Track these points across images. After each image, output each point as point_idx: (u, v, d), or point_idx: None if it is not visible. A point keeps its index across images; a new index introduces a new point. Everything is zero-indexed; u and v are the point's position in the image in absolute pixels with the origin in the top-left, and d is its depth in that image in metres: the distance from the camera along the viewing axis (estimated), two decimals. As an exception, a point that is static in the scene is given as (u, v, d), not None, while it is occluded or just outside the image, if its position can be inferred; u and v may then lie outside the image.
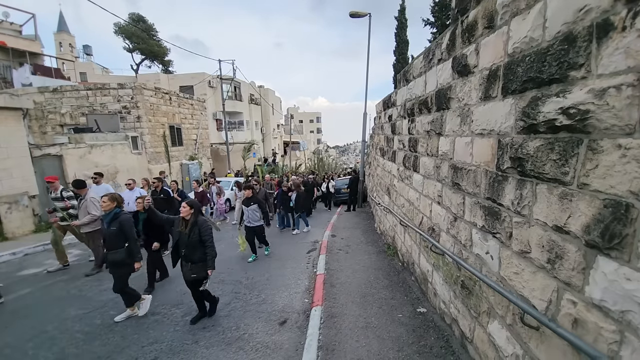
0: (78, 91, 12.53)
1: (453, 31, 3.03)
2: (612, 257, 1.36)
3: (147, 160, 12.58)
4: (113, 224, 3.66)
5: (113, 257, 3.66)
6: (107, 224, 3.70)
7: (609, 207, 1.37)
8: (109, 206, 3.69)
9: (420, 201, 4.23)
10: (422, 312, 3.68)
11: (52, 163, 8.86)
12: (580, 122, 1.51)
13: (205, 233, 3.53)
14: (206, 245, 3.54)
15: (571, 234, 1.57)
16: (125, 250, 3.67)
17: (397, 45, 18.28)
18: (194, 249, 3.50)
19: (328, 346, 3.11)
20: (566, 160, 1.60)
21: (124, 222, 3.70)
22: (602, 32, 1.39)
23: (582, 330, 1.51)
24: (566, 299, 1.61)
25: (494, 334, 2.32)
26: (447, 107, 3.20)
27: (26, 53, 16.65)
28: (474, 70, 2.62)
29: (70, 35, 36.30)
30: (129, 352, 3.19)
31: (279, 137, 37.32)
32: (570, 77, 1.58)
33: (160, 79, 23.60)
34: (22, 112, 7.92)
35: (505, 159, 2.15)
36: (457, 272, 2.99)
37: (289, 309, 4.04)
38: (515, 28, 2.02)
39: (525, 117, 1.91)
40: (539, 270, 1.83)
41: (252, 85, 30.04)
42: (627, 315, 1.28)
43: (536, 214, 1.84)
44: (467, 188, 2.75)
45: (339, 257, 5.88)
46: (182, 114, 15.57)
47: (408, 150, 4.84)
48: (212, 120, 23.46)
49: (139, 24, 29.77)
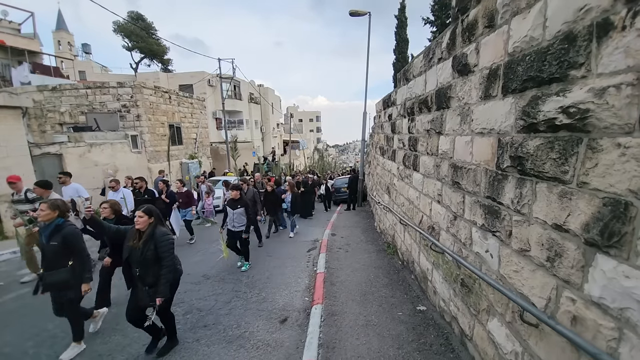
0: (77, 90, 12.51)
1: (453, 30, 3.03)
2: (611, 255, 1.37)
3: (147, 159, 12.57)
4: (54, 238, 2.95)
5: (53, 278, 2.95)
6: (47, 238, 2.97)
7: (608, 205, 1.38)
8: (48, 216, 2.95)
9: (420, 200, 4.25)
10: (422, 310, 3.70)
11: (52, 162, 8.86)
12: (580, 121, 1.52)
13: (163, 248, 2.84)
14: (163, 264, 2.84)
15: (570, 232, 1.58)
16: (69, 270, 2.99)
17: (397, 44, 18.28)
18: (150, 268, 2.85)
19: (328, 344, 3.12)
20: (566, 159, 1.61)
21: (68, 235, 2.97)
22: (602, 31, 1.40)
23: (581, 328, 1.52)
24: (565, 297, 1.63)
25: (493, 331, 2.34)
26: (447, 106, 3.21)
27: (25, 51, 16.63)
28: (474, 70, 2.62)
29: (69, 34, 36.24)
30: (129, 351, 3.20)
31: (278, 136, 37.29)
32: (570, 76, 1.59)
33: (160, 78, 23.55)
34: (22, 110, 7.90)
35: (505, 158, 2.16)
36: (456, 270, 3.00)
37: (290, 307, 4.05)
38: (516, 27, 2.03)
39: (526, 116, 1.92)
40: (539, 268, 1.84)
41: (251, 84, 30.00)
42: (626, 313, 1.30)
43: (536, 212, 1.85)
44: (467, 187, 2.76)
45: (339, 256, 5.89)
46: (181, 112, 15.57)
47: (408, 149, 4.85)
48: (212, 119, 23.47)
49: (138, 22, 29.69)
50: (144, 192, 6.17)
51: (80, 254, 3.07)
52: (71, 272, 3.00)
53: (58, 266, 2.98)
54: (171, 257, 2.92)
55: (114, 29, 30.20)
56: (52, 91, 12.36)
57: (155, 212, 3.00)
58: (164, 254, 2.86)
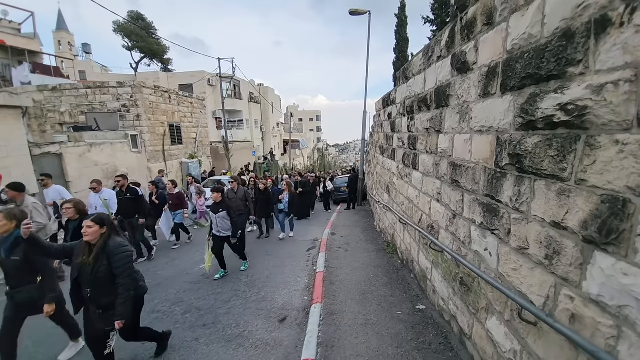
0: (77, 90, 12.52)
1: (452, 28, 3.02)
2: (610, 252, 1.36)
3: (147, 159, 12.58)
4: (15, 252, 2.63)
5: (21, 296, 2.71)
6: (6, 252, 2.65)
7: (606, 202, 1.37)
8: (5, 227, 2.63)
9: (419, 199, 4.24)
10: (421, 309, 3.70)
11: (52, 161, 8.86)
12: (578, 118, 1.51)
13: (118, 263, 2.42)
14: (119, 282, 2.42)
15: (569, 229, 1.58)
16: (38, 287, 2.73)
17: (397, 43, 18.25)
18: (103, 288, 2.42)
19: (327, 343, 3.12)
20: (564, 157, 1.60)
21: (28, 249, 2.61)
22: (600, 28, 1.39)
23: (579, 326, 1.51)
24: (564, 295, 1.62)
25: (492, 330, 2.33)
26: (446, 105, 3.20)
27: (25, 51, 16.66)
28: (473, 67, 2.61)
29: (69, 34, 36.28)
30: (128, 350, 3.19)
31: (278, 135, 37.31)
32: (568, 73, 1.58)
33: (160, 78, 23.57)
34: (22, 110, 7.90)
35: (504, 156, 2.15)
36: (456, 269, 3.00)
37: (289, 306, 4.05)
38: (514, 24, 2.02)
39: (524, 114, 1.91)
40: (537, 266, 1.83)
41: (251, 83, 30.00)
42: (624, 310, 1.29)
43: (534, 210, 1.84)
44: (466, 185, 2.75)
45: (338, 255, 5.89)
46: (181, 112, 15.56)
47: (407, 148, 4.85)
48: (212, 118, 23.48)
49: (138, 22, 29.70)
50: (126, 191, 5.58)
51: (43, 269, 2.77)
52: (40, 290, 2.73)
53: (24, 283, 2.70)
54: (129, 273, 2.49)
55: (114, 28, 30.22)
56: (52, 91, 12.37)
57: (109, 221, 2.54)
58: (120, 270, 2.43)
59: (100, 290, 2.42)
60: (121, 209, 5.60)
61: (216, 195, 4.94)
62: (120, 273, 2.43)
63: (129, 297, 2.49)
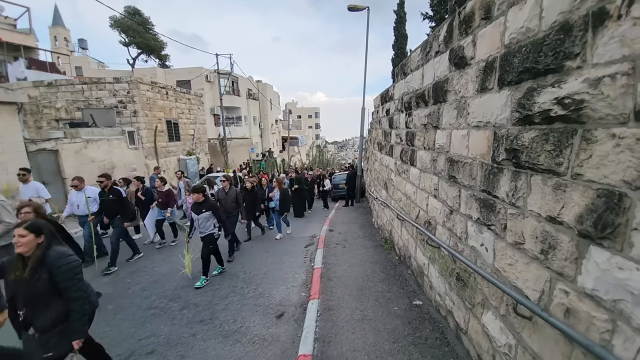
0: (73, 85, 12.40)
1: (450, 23, 3.00)
2: (605, 246, 1.36)
3: (144, 155, 12.52)
4: None
5: None
6: None
7: (602, 196, 1.37)
8: None
9: (417, 195, 4.24)
10: (418, 304, 3.71)
11: (48, 158, 8.81)
12: (575, 112, 1.50)
13: (63, 275, 2.04)
14: (70, 295, 2.07)
15: (564, 224, 1.57)
16: None
17: (396, 40, 18.15)
18: (41, 305, 2.04)
19: (324, 338, 3.13)
20: (560, 151, 1.60)
21: None
22: (597, 20, 1.38)
23: (574, 320, 1.52)
24: (559, 289, 1.62)
25: (487, 324, 2.34)
26: (444, 100, 3.19)
27: (21, 47, 16.47)
28: (470, 62, 2.60)
29: (66, 29, 35.84)
30: (125, 346, 3.20)
31: (277, 132, 37.19)
32: (565, 67, 1.57)
33: (157, 74, 23.43)
34: (17, 106, 7.84)
35: (500, 151, 2.14)
36: (452, 264, 3.01)
37: (286, 302, 4.05)
38: (512, 18, 2.01)
39: (521, 108, 1.90)
40: (533, 261, 1.83)
41: (250, 79, 29.85)
42: (619, 304, 1.29)
43: (530, 205, 1.84)
44: (463, 181, 2.75)
45: (336, 251, 5.90)
46: (179, 108, 15.47)
47: (405, 144, 4.84)
48: (210, 115, 23.35)
49: (135, 17, 29.39)
50: (109, 192, 5.27)
51: None
52: None
53: None
54: (79, 286, 2.13)
55: (110, 24, 29.87)
56: (48, 87, 12.26)
57: (47, 229, 2.12)
58: (67, 284, 2.05)
59: (38, 308, 2.04)
60: (104, 210, 5.41)
61: (197, 195, 4.63)
62: (67, 287, 2.06)
63: (85, 312, 2.17)
